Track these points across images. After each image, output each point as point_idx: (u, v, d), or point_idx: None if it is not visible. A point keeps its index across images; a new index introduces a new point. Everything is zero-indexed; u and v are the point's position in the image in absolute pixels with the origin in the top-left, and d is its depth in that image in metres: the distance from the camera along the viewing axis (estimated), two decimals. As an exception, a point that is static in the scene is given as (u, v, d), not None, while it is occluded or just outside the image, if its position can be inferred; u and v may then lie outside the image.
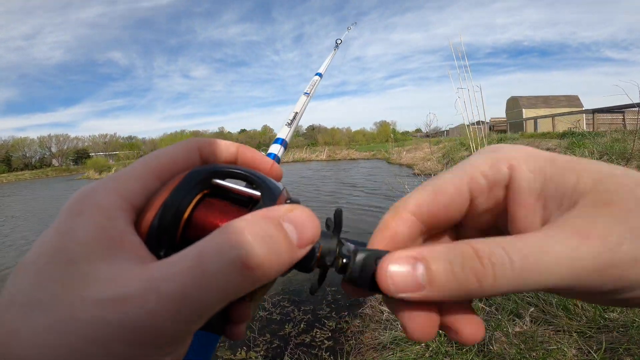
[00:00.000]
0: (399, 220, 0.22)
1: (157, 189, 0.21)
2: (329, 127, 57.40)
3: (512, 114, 32.23)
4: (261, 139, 61.03)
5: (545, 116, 19.20)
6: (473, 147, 5.53)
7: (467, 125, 5.52)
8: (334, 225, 0.23)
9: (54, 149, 58.24)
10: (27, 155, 56.85)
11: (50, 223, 0.19)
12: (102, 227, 0.18)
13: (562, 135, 10.80)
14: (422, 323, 0.20)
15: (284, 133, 0.84)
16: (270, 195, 0.22)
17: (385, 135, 48.86)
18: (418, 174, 10.71)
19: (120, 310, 0.15)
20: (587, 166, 0.19)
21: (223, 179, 0.23)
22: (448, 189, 0.21)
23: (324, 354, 2.46)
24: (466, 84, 5.30)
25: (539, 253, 0.17)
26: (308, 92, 1.08)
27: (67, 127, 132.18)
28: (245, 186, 0.23)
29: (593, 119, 13.65)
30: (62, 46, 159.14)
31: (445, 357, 1.93)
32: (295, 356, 2.45)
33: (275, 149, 0.77)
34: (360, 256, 0.21)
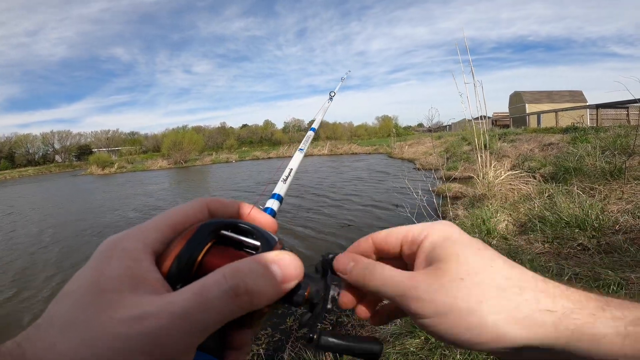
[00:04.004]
0: (364, 241, 0.34)
1: (174, 238, 0.26)
2: (330, 121, 57.01)
3: (515, 109, 31.99)
4: (263, 134, 60.85)
5: (549, 111, 19.01)
6: (475, 142, 5.51)
7: (469, 120, 5.50)
8: (322, 270, 0.31)
9: (56, 145, 58.43)
10: (30, 151, 57.03)
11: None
12: (129, 267, 0.23)
13: (565, 130, 10.74)
14: (347, 298, 0.32)
15: (280, 189, 0.88)
16: (267, 245, 0.27)
17: (387, 130, 48.63)
18: (419, 169, 10.70)
19: (141, 325, 0.20)
20: (453, 247, 0.29)
21: (229, 230, 0.28)
22: (394, 234, 0.33)
23: (324, 347, 2.49)
24: (470, 79, 5.27)
25: (391, 277, 0.29)
26: (303, 148, 1.15)
27: (71, 123, 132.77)
28: (247, 237, 0.28)
29: (597, 114, 13.48)
30: (65, 42, 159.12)
31: (445, 350, 1.95)
32: (296, 349, 2.49)
33: (272, 203, 0.83)
34: (331, 255, 0.32)
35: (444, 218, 4.57)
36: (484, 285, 0.26)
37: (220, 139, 55.21)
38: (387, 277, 0.29)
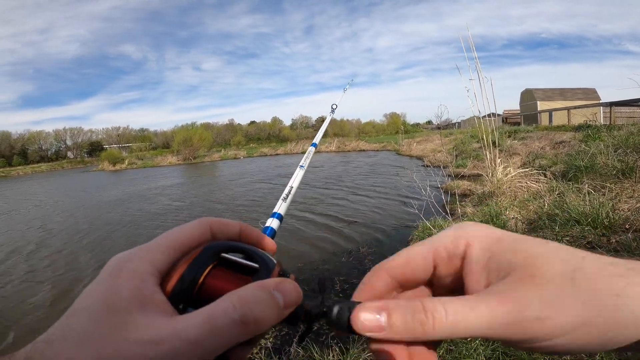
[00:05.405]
0: (376, 277, 0.28)
1: (178, 260, 0.28)
2: (338, 118, 56.73)
3: (527, 106, 31.48)
4: (270, 131, 60.91)
5: (561, 109, 18.64)
6: (485, 139, 5.47)
7: (478, 118, 5.46)
8: (319, 290, 0.29)
9: (68, 142, 59.31)
10: (43, 148, 57.97)
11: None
12: (137, 287, 0.24)
13: (577, 128, 10.56)
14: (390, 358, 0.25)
15: (280, 208, 0.87)
16: (267, 268, 0.28)
17: (395, 127, 48.21)
18: (428, 166, 10.64)
19: (156, 350, 0.21)
20: (524, 246, 0.25)
21: (229, 253, 0.29)
22: (417, 257, 0.28)
23: (331, 341, 2.52)
24: (477, 76, 5.22)
25: (467, 310, 0.23)
26: (303, 165, 1.13)
27: (82, 120, 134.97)
28: (247, 259, 0.29)
29: (610, 111, 13.20)
30: (76, 40, 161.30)
31: (450, 344, 1.97)
32: (303, 343, 2.52)
33: (272, 222, 0.81)
34: (336, 307, 0.26)
35: (452, 215, 4.56)
36: (600, 277, 0.23)
37: (229, 135, 55.51)
38: (463, 315, 0.22)
